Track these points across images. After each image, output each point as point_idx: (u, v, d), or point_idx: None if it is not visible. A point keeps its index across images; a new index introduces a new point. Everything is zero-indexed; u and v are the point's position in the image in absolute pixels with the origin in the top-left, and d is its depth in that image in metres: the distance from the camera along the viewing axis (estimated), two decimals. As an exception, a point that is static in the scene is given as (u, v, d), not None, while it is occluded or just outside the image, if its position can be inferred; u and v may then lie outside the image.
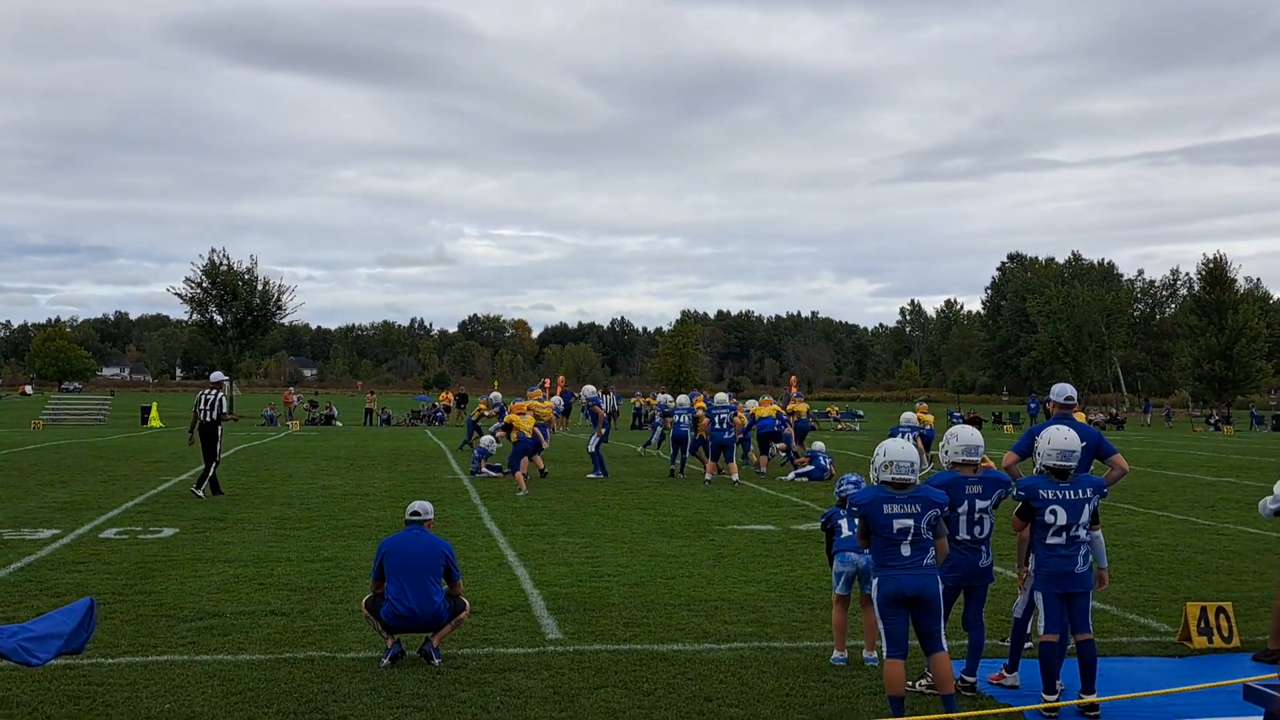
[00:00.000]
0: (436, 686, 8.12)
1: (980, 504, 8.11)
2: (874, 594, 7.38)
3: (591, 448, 25.40)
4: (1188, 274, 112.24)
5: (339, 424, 55.14)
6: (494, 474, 24.79)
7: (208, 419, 20.40)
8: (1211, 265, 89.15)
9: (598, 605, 11.00)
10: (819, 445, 26.29)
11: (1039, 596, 7.89)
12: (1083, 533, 7.85)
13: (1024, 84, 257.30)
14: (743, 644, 9.53)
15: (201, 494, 19.76)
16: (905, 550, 7.22)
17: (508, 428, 23.04)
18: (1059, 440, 7.99)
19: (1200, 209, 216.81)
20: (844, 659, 8.88)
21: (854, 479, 9.33)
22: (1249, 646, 9.58)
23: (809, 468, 25.17)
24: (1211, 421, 63.92)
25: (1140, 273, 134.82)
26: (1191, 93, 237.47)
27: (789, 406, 30.05)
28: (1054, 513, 7.83)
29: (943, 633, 7.36)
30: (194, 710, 7.48)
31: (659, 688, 8.18)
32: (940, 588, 7.28)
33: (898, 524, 7.24)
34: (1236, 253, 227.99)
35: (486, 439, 26.14)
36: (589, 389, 28.34)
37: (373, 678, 8.34)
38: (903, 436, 8.57)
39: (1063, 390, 10.06)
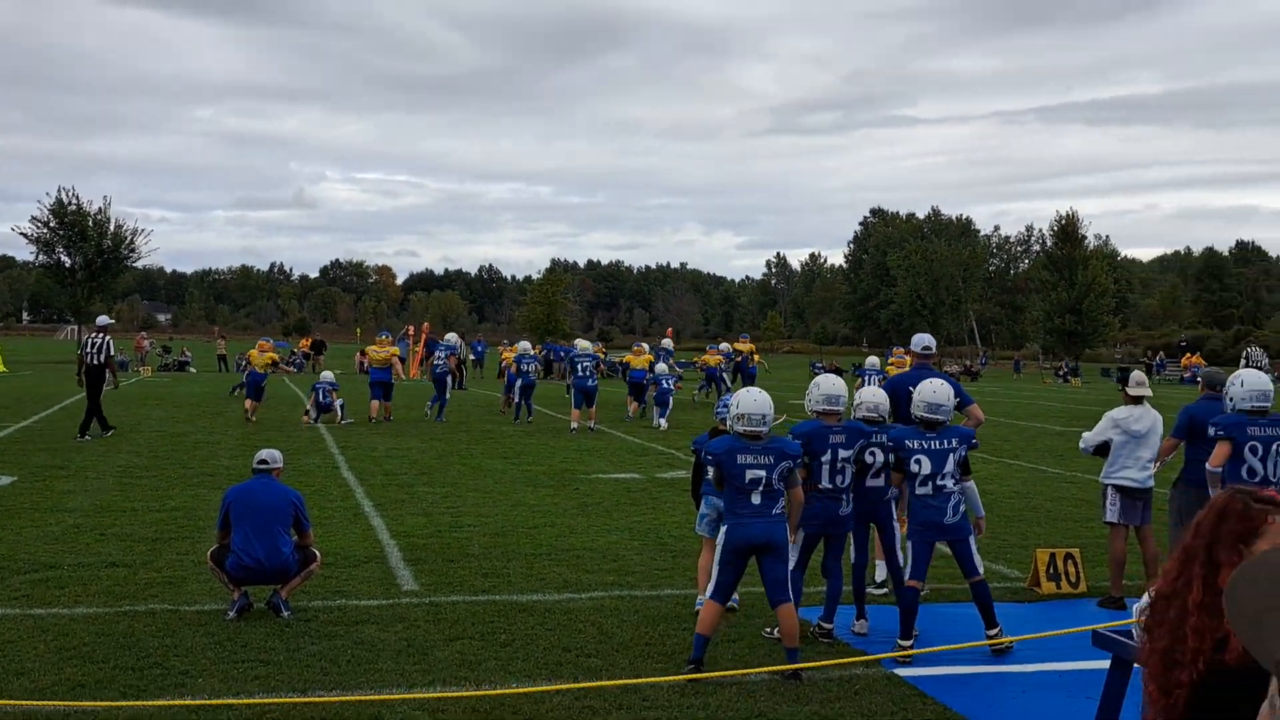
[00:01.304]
0: (284, 640, 7.84)
1: (843, 453, 8.11)
2: (720, 540, 7.40)
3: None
4: (1041, 230, 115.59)
5: (193, 370, 53.57)
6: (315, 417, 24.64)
7: (94, 363, 20.48)
8: (1063, 222, 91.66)
9: (457, 556, 10.80)
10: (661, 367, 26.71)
11: (910, 546, 8.03)
12: (950, 482, 7.98)
13: (886, 40, 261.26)
14: (603, 593, 9.44)
15: (89, 438, 20.03)
16: (756, 499, 7.26)
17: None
18: (928, 393, 8.16)
19: (1052, 167, 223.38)
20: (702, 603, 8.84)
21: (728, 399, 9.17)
22: (1095, 592, 9.82)
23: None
24: (1061, 374, 65.99)
25: (996, 229, 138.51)
26: (1044, 53, 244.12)
27: (736, 345, 33.24)
28: (919, 462, 7.98)
29: (789, 583, 7.38)
30: (24, 666, 7.10)
31: (517, 639, 8.04)
32: (788, 534, 7.36)
33: (750, 474, 7.27)
34: (1087, 210, 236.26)
35: (327, 374, 26.80)
36: (451, 336, 28.11)
37: (217, 631, 8.02)
38: (868, 380, 8.68)
39: (920, 340, 10.16)
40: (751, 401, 7.44)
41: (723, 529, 7.42)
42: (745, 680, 7.17)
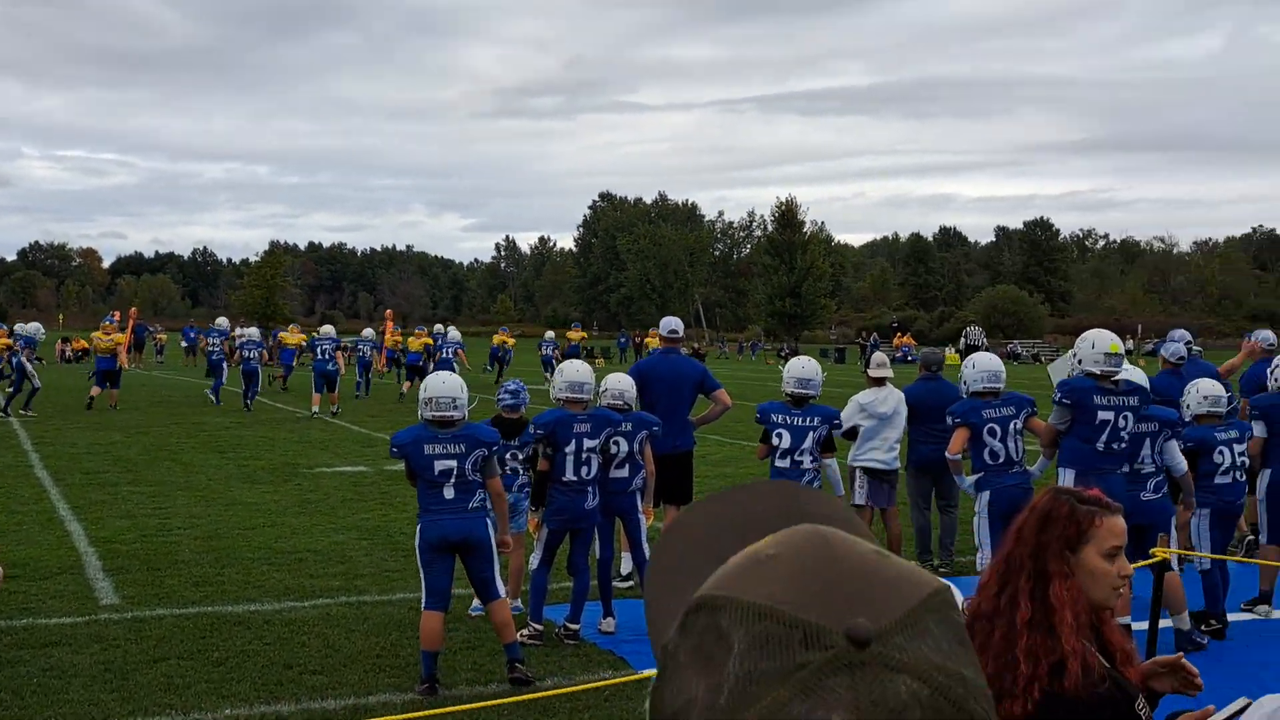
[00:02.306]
0: (-47, 674, 6.81)
1: (589, 443, 7.67)
2: (417, 540, 6.82)
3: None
4: (762, 216, 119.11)
5: None
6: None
7: None
8: (783, 209, 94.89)
9: (164, 564, 9.84)
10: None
11: None
12: (808, 459, 8.12)
13: (609, 27, 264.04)
14: (329, 599, 8.74)
15: None
16: (448, 493, 6.67)
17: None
18: (796, 369, 8.33)
19: (771, 155, 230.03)
20: (481, 609, 8.27)
21: (512, 386, 8.60)
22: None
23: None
24: (782, 354, 68.19)
25: (720, 214, 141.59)
26: (762, 44, 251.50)
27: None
28: (780, 435, 8.12)
29: (498, 579, 6.89)
30: None
31: (231, 656, 7.29)
32: (491, 532, 6.80)
33: (440, 465, 6.68)
34: (804, 197, 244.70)
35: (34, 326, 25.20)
36: (221, 321, 27.58)
37: None
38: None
39: (667, 324, 9.99)
40: (440, 384, 6.88)
41: (419, 527, 6.82)
42: (485, 692, 6.65)
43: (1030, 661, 2.47)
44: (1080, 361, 7.84)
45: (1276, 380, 8.86)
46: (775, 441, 8.13)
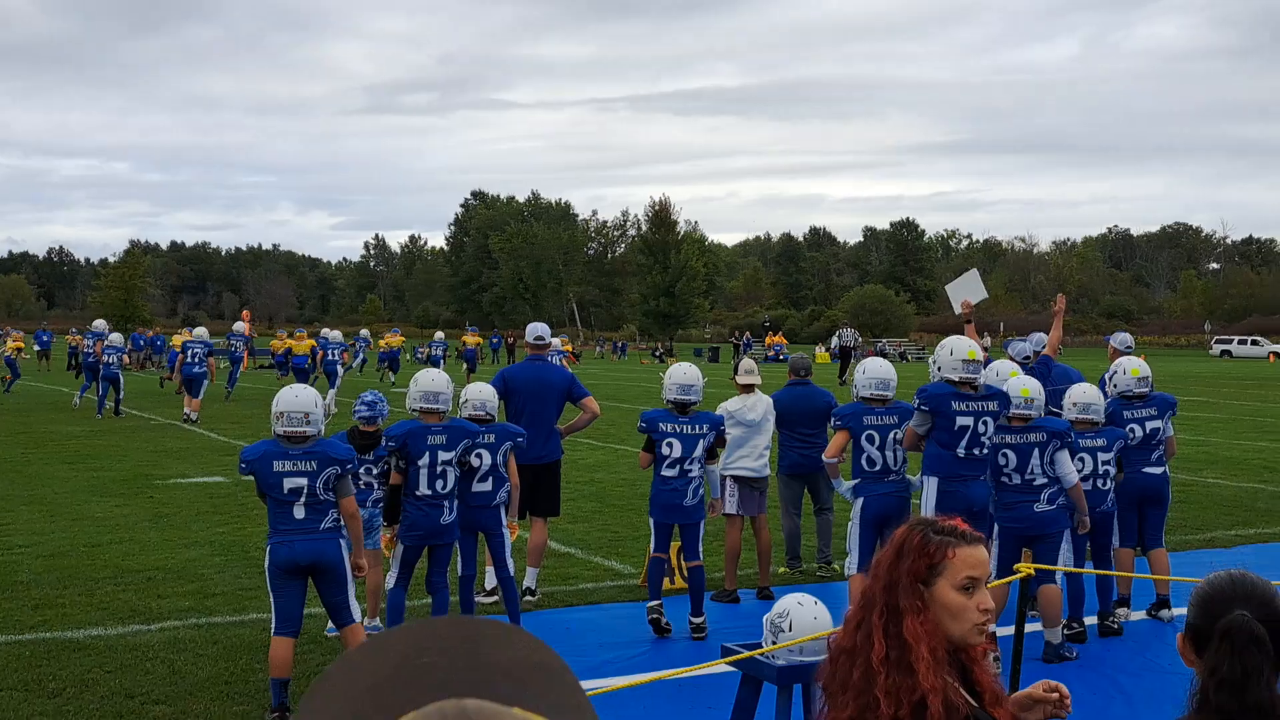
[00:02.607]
0: None
1: (444, 455, 7.40)
2: (266, 563, 6.49)
3: None
4: (636, 216, 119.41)
5: None
6: None
7: None
8: (657, 208, 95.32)
9: (1, 586, 9.27)
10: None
11: (651, 521, 8.20)
12: (695, 467, 8.07)
13: (480, 24, 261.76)
14: (178, 622, 8.31)
15: None
16: (299, 512, 6.35)
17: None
18: (678, 375, 8.21)
19: (645, 154, 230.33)
20: (335, 630, 7.93)
21: (369, 397, 8.18)
22: (711, 585, 9.65)
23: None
24: (657, 354, 68.32)
25: (594, 213, 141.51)
26: (634, 43, 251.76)
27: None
28: (670, 445, 8.02)
29: (352, 604, 6.59)
30: None
31: (69, 686, 6.86)
32: (345, 554, 6.49)
33: (289, 483, 6.35)
34: (677, 197, 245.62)
35: None
36: (99, 323, 26.88)
37: None
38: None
39: (534, 330, 9.76)
40: (292, 398, 6.52)
41: (268, 548, 6.48)
42: None
43: (891, 701, 2.34)
44: (940, 369, 7.84)
45: (1115, 387, 8.92)
46: (666, 451, 7.99)
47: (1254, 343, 76.43)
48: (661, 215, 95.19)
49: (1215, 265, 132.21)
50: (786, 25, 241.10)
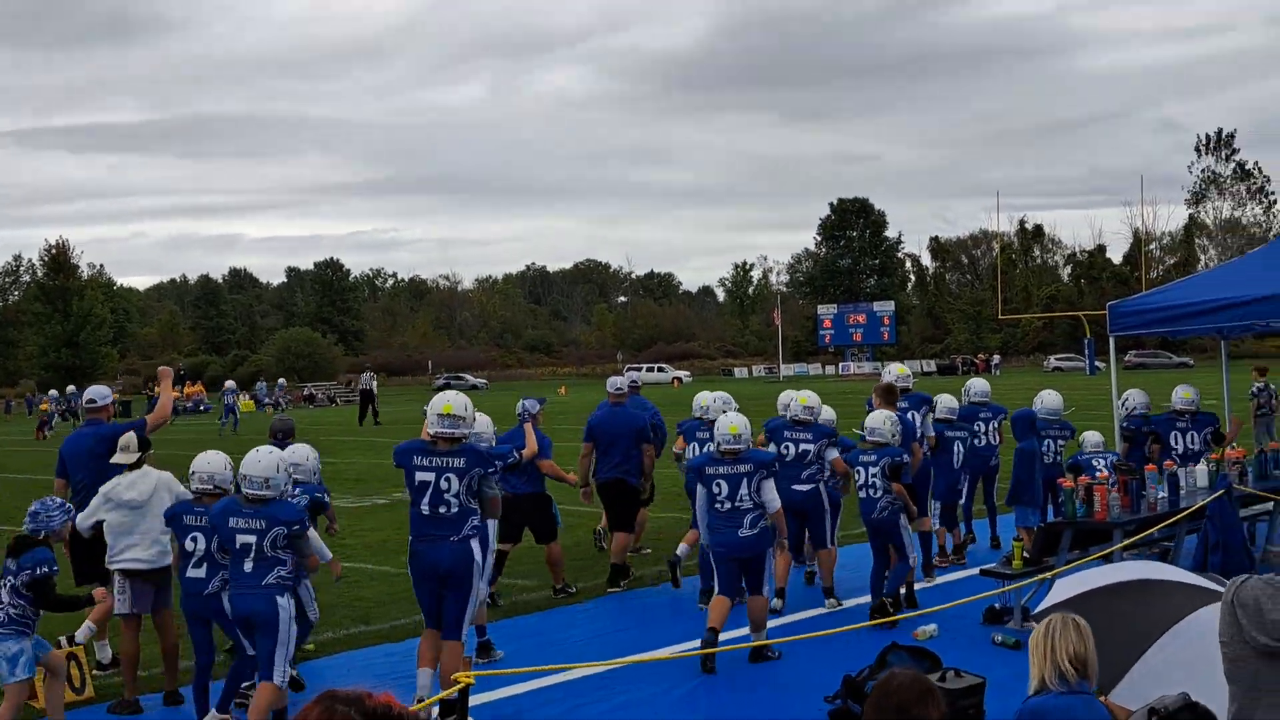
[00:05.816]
0: None
1: None
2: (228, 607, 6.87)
3: None
4: (31, 260, 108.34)
5: None
6: None
7: None
8: (54, 251, 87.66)
9: None
10: None
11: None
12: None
13: None
14: None
15: None
16: (247, 567, 6.66)
17: None
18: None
19: (38, 193, 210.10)
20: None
21: (34, 507, 7.24)
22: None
23: None
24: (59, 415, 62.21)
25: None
26: (20, 72, 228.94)
27: None
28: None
29: (275, 658, 6.64)
30: None
31: None
32: (284, 611, 6.67)
33: (240, 539, 6.69)
34: (77, 239, 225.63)
35: None
36: None
37: None
38: None
39: None
40: (255, 462, 6.77)
41: (225, 597, 6.91)
42: None
43: None
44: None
45: (791, 412, 10.09)
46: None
47: (660, 369, 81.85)
48: (59, 259, 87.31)
49: (623, 298, 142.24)
50: (190, 60, 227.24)
